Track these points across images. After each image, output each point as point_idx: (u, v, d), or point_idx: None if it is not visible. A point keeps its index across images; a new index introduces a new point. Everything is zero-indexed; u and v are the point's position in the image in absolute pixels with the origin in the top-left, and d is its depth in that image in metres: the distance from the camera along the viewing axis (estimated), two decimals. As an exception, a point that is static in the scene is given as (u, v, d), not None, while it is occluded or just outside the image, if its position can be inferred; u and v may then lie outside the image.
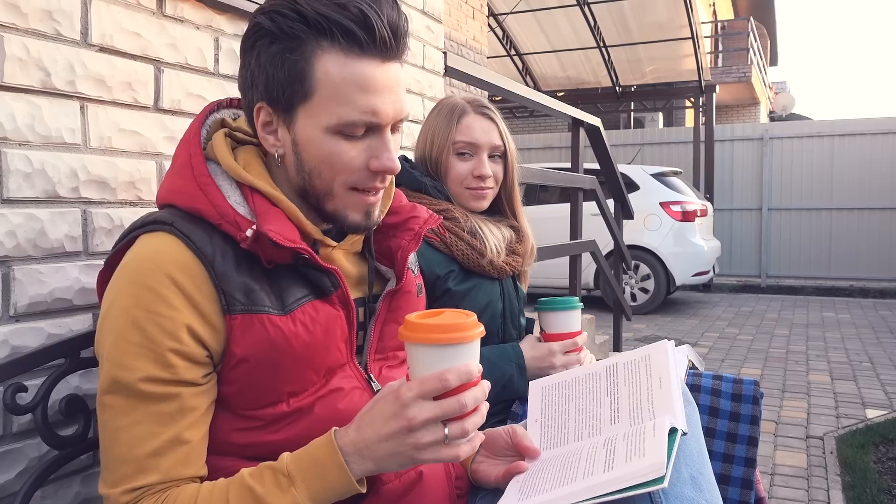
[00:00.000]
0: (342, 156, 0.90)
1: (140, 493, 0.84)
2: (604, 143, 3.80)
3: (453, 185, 1.54)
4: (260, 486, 0.81)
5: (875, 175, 8.93)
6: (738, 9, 18.46)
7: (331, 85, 0.87)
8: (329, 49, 0.87)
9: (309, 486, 0.81)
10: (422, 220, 1.08)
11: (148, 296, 0.84)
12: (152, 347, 0.83)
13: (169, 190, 0.94)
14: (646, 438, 0.88)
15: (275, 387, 0.91)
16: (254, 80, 0.91)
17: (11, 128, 1.03)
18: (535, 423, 1.09)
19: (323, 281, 0.93)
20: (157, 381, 0.84)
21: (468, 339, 0.80)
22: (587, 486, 0.83)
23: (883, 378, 4.38)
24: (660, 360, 1.05)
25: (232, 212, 0.89)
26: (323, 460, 0.82)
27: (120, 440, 0.84)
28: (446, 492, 1.00)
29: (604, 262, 4.01)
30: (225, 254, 0.88)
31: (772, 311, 7.28)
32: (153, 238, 0.89)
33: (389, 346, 1.05)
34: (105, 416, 0.85)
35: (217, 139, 0.97)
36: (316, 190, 0.94)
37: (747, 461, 1.42)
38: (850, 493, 2.57)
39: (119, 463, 0.84)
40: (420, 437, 0.79)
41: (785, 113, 17.65)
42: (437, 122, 1.55)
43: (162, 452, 0.84)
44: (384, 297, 1.04)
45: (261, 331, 0.88)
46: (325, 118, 0.89)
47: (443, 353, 0.79)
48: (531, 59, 10.21)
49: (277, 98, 0.90)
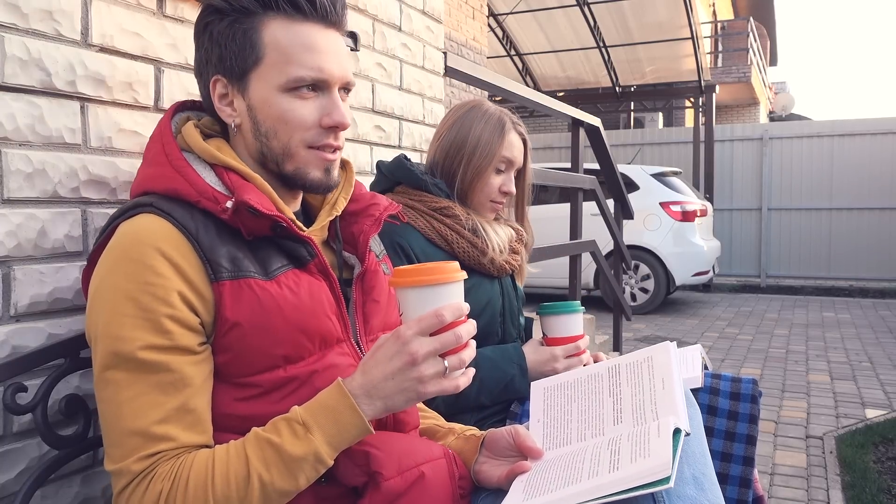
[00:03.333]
0: (295, 112, 0.96)
1: (155, 460, 0.84)
2: (604, 143, 3.80)
3: (480, 195, 1.54)
4: (276, 436, 0.85)
5: (875, 175, 8.93)
6: (737, 9, 18.46)
7: (279, 47, 0.95)
8: (275, 17, 0.95)
9: (324, 430, 0.85)
10: (381, 207, 1.13)
11: (137, 269, 0.86)
12: (147, 316, 0.85)
13: (143, 178, 0.98)
14: (651, 439, 0.88)
15: (269, 350, 0.93)
16: (208, 57, 0.99)
17: (12, 128, 1.03)
18: (538, 423, 1.09)
19: (300, 251, 0.98)
20: (155, 348, 0.85)
21: (454, 279, 0.89)
22: (593, 487, 0.83)
23: (882, 378, 4.38)
24: (662, 361, 1.05)
25: (210, 188, 0.93)
26: (334, 405, 0.86)
27: (125, 413, 0.85)
28: (449, 491, 1.00)
29: (604, 262, 4.01)
30: (207, 227, 0.92)
31: (772, 311, 7.28)
32: (135, 221, 0.91)
33: (375, 325, 1.09)
34: (107, 393, 0.86)
35: (188, 128, 1.01)
36: (274, 152, 0.98)
37: (745, 460, 1.42)
38: (850, 493, 2.57)
39: (126, 436, 0.84)
40: (423, 370, 0.85)
41: (785, 113, 17.65)
42: (485, 131, 1.53)
43: (169, 420, 0.85)
44: (356, 281, 1.08)
45: (250, 294, 0.91)
46: (275, 78, 0.95)
47: (433, 292, 0.87)
48: (531, 59, 10.21)
49: (231, 67, 0.97)
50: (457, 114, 1.57)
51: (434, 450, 1.00)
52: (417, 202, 1.50)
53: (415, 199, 1.51)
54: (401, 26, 2.08)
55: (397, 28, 2.06)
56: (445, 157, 1.55)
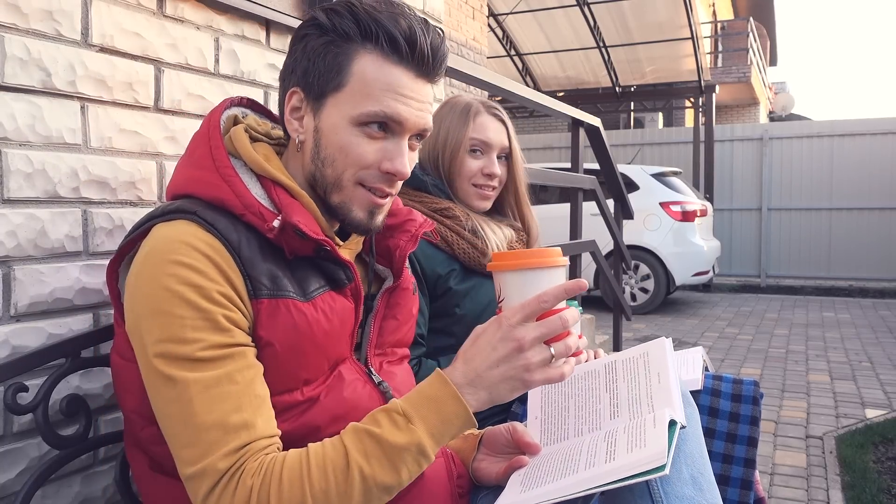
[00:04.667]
0: (357, 147, 0.93)
1: (242, 454, 0.80)
2: (604, 143, 3.80)
3: (462, 181, 1.56)
4: (376, 426, 0.82)
5: (874, 175, 8.93)
6: (737, 9, 18.46)
7: (363, 80, 0.92)
8: (371, 51, 0.92)
9: (426, 421, 0.82)
10: (417, 224, 1.11)
11: (186, 272, 0.83)
12: (205, 316, 0.82)
13: (187, 179, 0.95)
14: (646, 430, 0.89)
15: (294, 373, 0.91)
16: (295, 66, 0.96)
17: (12, 128, 1.03)
18: (535, 420, 1.10)
19: (338, 273, 0.96)
20: (217, 346, 0.83)
21: (557, 263, 0.88)
22: (589, 477, 0.84)
23: (882, 378, 4.38)
24: (658, 356, 1.06)
25: (256, 203, 0.91)
26: (437, 395, 0.83)
27: (196, 409, 0.80)
28: (448, 490, 1.01)
29: (604, 262, 4.01)
30: (249, 242, 0.90)
31: (771, 311, 7.28)
32: (175, 225, 0.88)
33: (388, 341, 1.07)
34: (173, 393, 0.81)
35: (237, 133, 0.98)
36: (326, 179, 0.96)
37: (747, 462, 1.42)
38: (850, 493, 2.57)
39: (203, 431, 0.80)
40: (531, 357, 0.83)
41: (784, 113, 17.65)
42: (450, 119, 1.57)
43: (243, 408, 0.82)
44: (382, 294, 1.06)
45: (286, 316, 0.89)
46: (350, 109, 0.93)
47: (536, 276, 0.87)
48: (531, 59, 10.21)
49: (312, 84, 0.94)
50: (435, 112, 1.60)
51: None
52: (418, 203, 1.50)
53: (415, 199, 1.52)
54: (401, 26, 2.07)
55: (397, 28, 2.06)
56: (427, 155, 1.59)
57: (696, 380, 1.45)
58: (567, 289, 0.85)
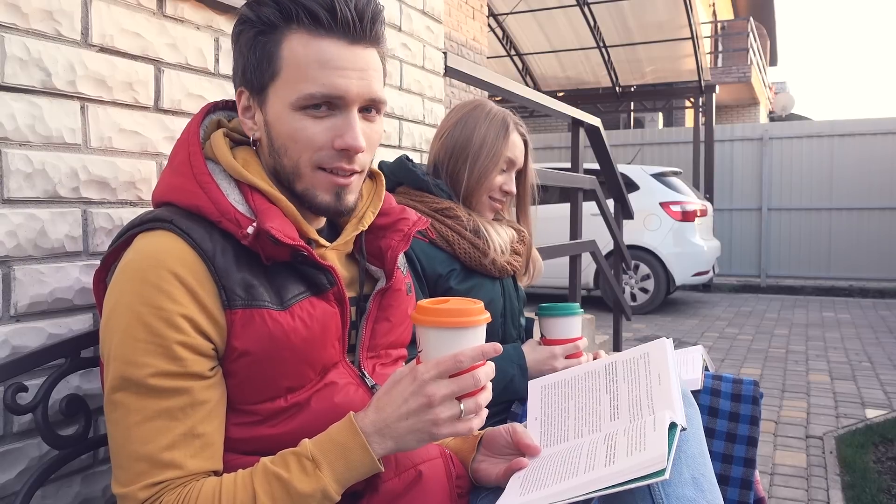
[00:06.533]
0: (305, 132, 0.92)
1: (160, 488, 0.83)
2: (604, 143, 3.80)
3: (482, 192, 1.56)
4: (285, 471, 0.83)
5: (874, 175, 8.93)
6: (737, 9, 18.46)
7: (295, 63, 0.91)
8: (296, 31, 0.91)
9: (333, 468, 0.83)
10: (411, 222, 1.10)
11: (151, 292, 0.84)
12: (159, 342, 0.84)
13: (167, 187, 0.95)
14: (646, 433, 0.89)
15: (274, 381, 0.91)
16: (236, 67, 0.97)
17: (12, 128, 1.03)
18: (535, 421, 1.10)
19: (319, 278, 0.95)
20: (166, 374, 0.84)
21: (478, 322, 0.87)
22: (589, 480, 0.84)
23: (882, 378, 4.38)
24: (658, 357, 1.06)
25: (232, 209, 0.90)
26: (345, 443, 0.84)
27: (132, 437, 0.83)
28: (447, 491, 1.00)
29: (604, 262, 4.01)
30: (225, 250, 0.89)
31: (771, 311, 7.28)
32: (153, 236, 0.89)
33: (381, 343, 1.06)
34: (116, 415, 0.85)
35: (216, 138, 0.98)
36: (285, 169, 0.96)
37: (746, 461, 1.42)
38: (850, 493, 2.57)
39: (133, 460, 0.83)
40: (439, 413, 0.83)
41: (784, 113, 17.66)
42: (486, 128, 1.55)
43: (176, 446, 0.84)
44: (375, 295, 1.05)
45: (261, 325, 0.89)
46: (288, 94, 0.92)
47: (455, 335, 0.86)
48: (531, 59, 10.21)
49: (251, 80, 0.95)
50: (460, 112, 1.58)
51: (431, 450, 1.00)
52: (419, 203, 1.50)
53: (416, 199, 1.51)
54: (401, 26, 2.07)
55: (397, 28, 2.06)
56: (450, 157, 1.56)
57: (695, 379, 1.45)
58: (484, 352, 0.86)
